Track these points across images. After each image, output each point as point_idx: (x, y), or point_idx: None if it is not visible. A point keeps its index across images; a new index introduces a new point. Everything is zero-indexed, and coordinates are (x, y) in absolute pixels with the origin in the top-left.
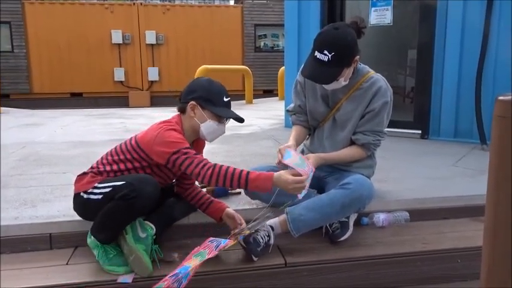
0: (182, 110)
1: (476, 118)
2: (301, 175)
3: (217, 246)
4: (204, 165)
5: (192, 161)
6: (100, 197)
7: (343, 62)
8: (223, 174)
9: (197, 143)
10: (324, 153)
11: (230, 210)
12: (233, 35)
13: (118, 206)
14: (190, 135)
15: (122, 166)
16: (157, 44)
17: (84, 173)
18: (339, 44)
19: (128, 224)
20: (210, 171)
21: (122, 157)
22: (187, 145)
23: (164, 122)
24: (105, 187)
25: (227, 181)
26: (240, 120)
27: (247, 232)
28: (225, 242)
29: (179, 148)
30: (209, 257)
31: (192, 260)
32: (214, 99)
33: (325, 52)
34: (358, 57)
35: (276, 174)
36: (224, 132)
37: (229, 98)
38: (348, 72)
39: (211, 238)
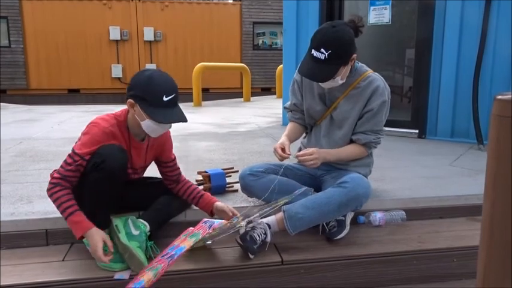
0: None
1: (473, 118)
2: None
3: (211, 226)
4: (61, 178)
5: (62, 166)
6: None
7: (340, 60)
8: (59, 195)
9: (156, 142)
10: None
11: (219, 203)
12: (231, 33)
13: (93, 178)
14: (138, 131)
15: None
16: (156, 40)
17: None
18: (336, 42)
19: (109, 196)
20: (56, 182)
21: None
22: (88, 153)
23: (110, 115)
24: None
25: (56, 203)
26: (183, 121)
27: (241, 221)
28: (219, 222)
29: (77, 151)
30: (203, 235)
31: (187, 241)
32: (151, 100)
33: (322, 50)
34: (355, 55)
35: (95, 229)
36: (169, 128)
37: (172, 96)
38: (345, 70)
39: (205, 219)
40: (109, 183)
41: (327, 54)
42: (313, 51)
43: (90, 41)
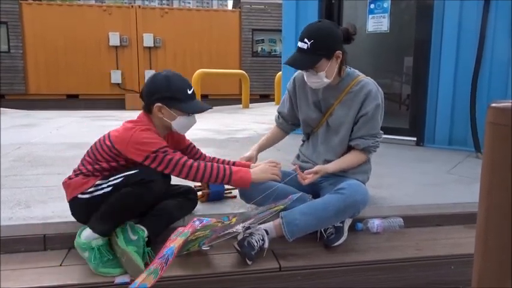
0: (149, 110)
1: (471, 126)
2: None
3: (200, 224)
4: (186, 161)
5: (172, 157)
6: (109, 189)
7: (322, 52)
8: (203, 169)
9: (171, 136)
10: (319, 158)
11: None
12: (231, 40)
13: (132, 191)
14: (163, 131)
15: (104, 165)
16: (155, 47)
17: (70, 178)
18: (318, 33)
19: (134, 212)
20: (194, 168)
21: (98, 157)
22: (165, 144)
23: (135, 121)
24: (114, 179)
25: (213, 175)
26: (209, 107)
27: (232, 219)
28: (208, 220)
29: (158, 148)
30: (192, 233)
31: (177, 240)
32: (178, 96)
33: (305, 40)
34: (340, 52)
35: (251, 168)
36: (196, 121)
37: (192, 89)
38: (328, 66)
39: (196, 218)
40: (140, 202)
41: (309, 43)
42: (298, 43)
43: (90, 47)
